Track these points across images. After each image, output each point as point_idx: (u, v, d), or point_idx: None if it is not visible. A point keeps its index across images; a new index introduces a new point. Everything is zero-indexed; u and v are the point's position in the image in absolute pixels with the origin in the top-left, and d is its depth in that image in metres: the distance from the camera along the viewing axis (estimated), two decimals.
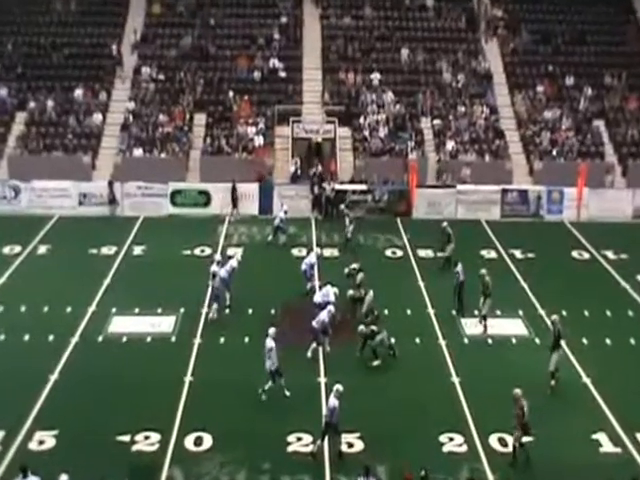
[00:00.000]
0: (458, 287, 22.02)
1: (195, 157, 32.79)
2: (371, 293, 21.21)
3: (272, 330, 17.25)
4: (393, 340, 20.09)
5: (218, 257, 22.78)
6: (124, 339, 20.40)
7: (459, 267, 21.96)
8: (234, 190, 30.14)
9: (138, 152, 32.48)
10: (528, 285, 24.26)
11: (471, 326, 21.38)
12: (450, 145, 33.12)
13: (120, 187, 30.35)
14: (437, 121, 34.42)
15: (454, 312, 22.01)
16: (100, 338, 20.43)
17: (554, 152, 33.24)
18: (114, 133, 33.53)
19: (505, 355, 20.02)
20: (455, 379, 18.62)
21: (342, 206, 28.31)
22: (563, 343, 18.86)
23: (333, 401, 15.41)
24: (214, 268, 21.70)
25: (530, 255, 26.96)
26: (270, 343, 16.95)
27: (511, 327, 21.50)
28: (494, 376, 18.81)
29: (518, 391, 15.29)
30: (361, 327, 19.27)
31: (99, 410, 17.05)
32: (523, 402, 15.16)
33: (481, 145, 33.44)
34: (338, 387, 15.64)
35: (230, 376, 18.55)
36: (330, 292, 20.91)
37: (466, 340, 20.71)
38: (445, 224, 25.72)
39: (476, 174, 31.63)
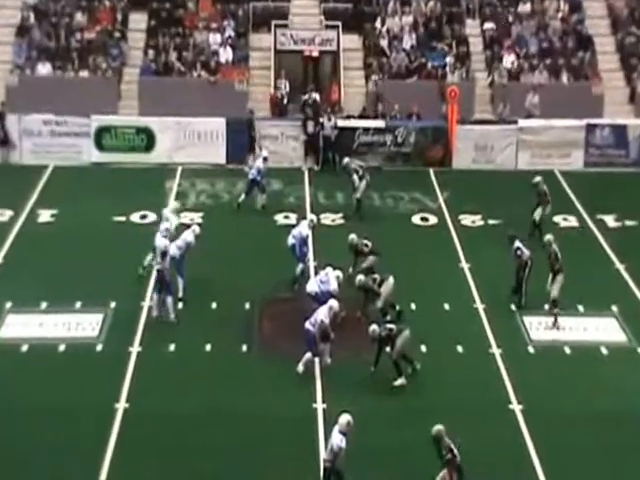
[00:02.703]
0: (520, 271, 22.06)
1: (131, 78, 32.80)
2: (391, 280, 21.14)
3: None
4: (424, 348, 20.08)
5: (166, 225, 22.55)
6: (24, 348, 20.24)
7: (517, 243, 22.15)
8: (251, 127, 30.00)
9: (44, 69, 32.35)
10: (626, 267, 24.25)
11: (539, 328, 21.38)
12: (509, 60, 33.01)
13: (17, 121, 30.26)
14: (489, 25, 34.40)
15: (514, 307, 22.07)
16: None
17: None
18: (6, 39, 33.34)
19: (590, 371, 19.90)
20: (515, 406, 18.51)
21: (346, 159, 27.93)
22: None
23: (338, 438, 15.34)
24: (161, 242, 21.37)
25: (629, 223, 27.13)
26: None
27: (600, 330, 21.46)
28: (573, 403, 18.69)
29: (440, 427, 15.37)
30: (373, 327, 19.11)
31: None
32: (448, 441, 15.34)
33: (556, 59, 33.33)
34: (346, 418, 15.51)
35: (184, 401, 18.38)
36: (331, 278, 20.82)
37: (531, 349, 20.70)
38: (539, 179, 25.72)
39: (548, 103, 31.52)
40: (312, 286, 21.05)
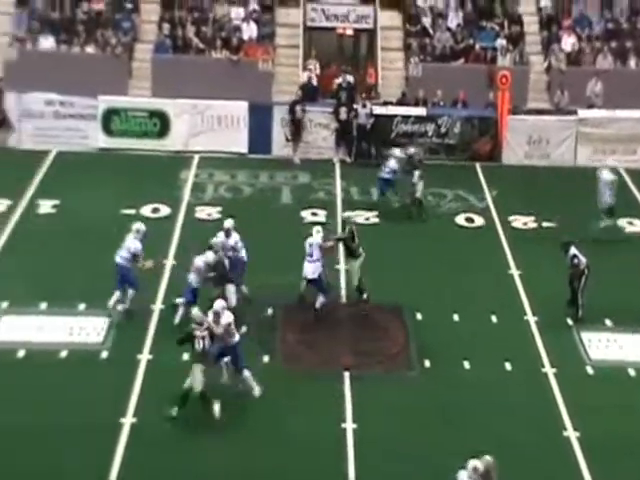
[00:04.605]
0: (576, 281, 22.12)
1: (144, 55, 32.97)
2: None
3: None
4: (467, 365, 20.04)
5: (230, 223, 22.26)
6: (20, 354, 20.26)
7: (573, 250, 22.15)
8: (293, 112, 30.11)
9: (47, 43, 32.50)
10: None
11: (599, 346, 21.42)
12: (569, 42, 33.05)
13: (16, 100, 30.44)
14: (547, 1, 34.36)
15: (570, 321, 22.13)
16: None
17: None
18: (4, 8, 33.53)
19: None
20: (571, 433, 18.42)
21: (414, 148, 28.25)
22: None
23: None
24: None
25: None
26: None
27: None
28: (637, 432, 18.49)
29: (490, 460, 14.94)
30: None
31: None
32: (493, 475, 14.96)
33: (623, 42, 33.26)
34: (473, 464, 14.91)
35: (199, 416, 18.11)
36: (314, 237, 21.76)
37: (590, 369, 20.69)
38: None
39: (613, 91, 31.47)
40: (308, 269, 21.71)
